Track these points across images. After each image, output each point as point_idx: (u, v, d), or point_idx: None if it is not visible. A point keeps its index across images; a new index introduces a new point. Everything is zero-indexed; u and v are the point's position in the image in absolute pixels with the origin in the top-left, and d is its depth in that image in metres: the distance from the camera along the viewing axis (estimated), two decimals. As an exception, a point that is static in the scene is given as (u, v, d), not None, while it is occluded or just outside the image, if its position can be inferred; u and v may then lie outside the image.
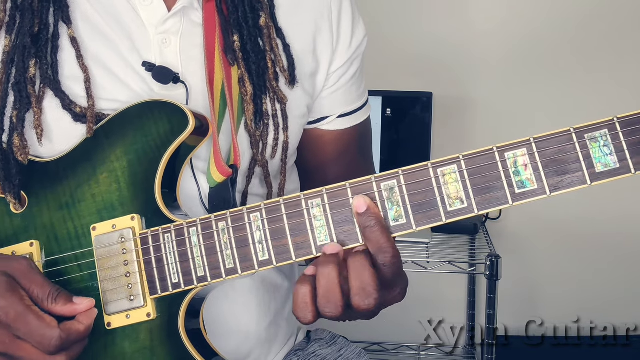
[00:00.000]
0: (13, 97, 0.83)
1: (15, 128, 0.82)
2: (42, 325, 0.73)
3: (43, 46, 0.83)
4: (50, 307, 0.75)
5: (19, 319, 0.72)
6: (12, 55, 0.83)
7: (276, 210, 0.73)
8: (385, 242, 0.69)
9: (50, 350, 0.73)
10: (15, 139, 0.82)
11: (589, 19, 2.22)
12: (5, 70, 0.83)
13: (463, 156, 0.67)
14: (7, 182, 0.83)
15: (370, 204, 0.70)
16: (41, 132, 0.83)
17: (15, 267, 0.76)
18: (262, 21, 0.91)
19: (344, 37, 0.97)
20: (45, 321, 0.73)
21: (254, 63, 0.89)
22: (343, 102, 1.00)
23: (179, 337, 0.76)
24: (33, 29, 0.83)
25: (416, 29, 2.30)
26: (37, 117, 0.82)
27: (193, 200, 0.87)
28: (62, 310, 0.76)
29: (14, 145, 0.82)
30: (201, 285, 0.75)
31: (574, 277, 2.33)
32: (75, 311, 0.76)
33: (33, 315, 0.73)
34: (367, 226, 0.70)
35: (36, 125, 0.82)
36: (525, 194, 0.65)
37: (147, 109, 0.81)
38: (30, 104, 0.82)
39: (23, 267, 0.76)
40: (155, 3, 0.87)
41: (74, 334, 0.75)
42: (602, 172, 0.63)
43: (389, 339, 2.39)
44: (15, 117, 0.82)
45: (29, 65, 0.82)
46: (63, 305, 0.76)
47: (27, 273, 0.76)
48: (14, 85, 0.83)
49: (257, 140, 0.90)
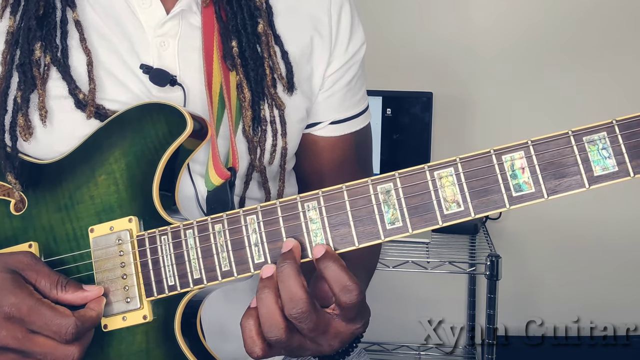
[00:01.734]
0: (17, 78, 0.83)
1: (20, 108, 0.83)
2: (57, 315, 0.73)
3: (52, 30, 0.84)
4: (60, 296, 0.76)
5: (33, 312, 0.72)
6: (17, 37, 0.84)
7: (272, 212, 0.72)
8: (348, 281, 0.69)
9: (68, 339, 0.73)
10: (20, 119, 0.82)
11: (589, 18, 2.22)
12: (9, 51, 0.84)
13: (460, 159, 0.66)
14: (8, 161, 0.83)
15: (328, 248, 0.70)
16: (45, 114, 0.83)
17: (19, 261, 0.76)
18: (260, 28, 0.91)
19: (342, 41, 0.97)
20: (59, 311, 0.73)
21: (252, 70, 0.89)
22: (336, 108, 1.00)
23: (175, 339, 0.76)
24: (38, 11, 0.84)
25: (416, 28, 2.30)
26: (41, 98, 0.83)
27: (190, 203, 0.87)
28: (72, 297, 0.76)
29: (18, 125, 0.83)
30: (197, 288, 0.75)
31: (574, 277, 2.33)
32: (85, 298, 0.77)
33: (46, 307, 0.73)
34: (327, 268, 0.69)
35: (40, 106, 0.83)
36: (522, 197, 0.65)
37: (146, 111, 0.81)
38: (34, 86, 0.83)
39: (27, 259, 0.77)
40: (154, 6, 0.87)
41: (88, 321, 0.75)
42: (600, 176, 0.62)
43: (389, 339, 2.39)
44: (19, 98, 0.83)
45: (35, 48, 0.83)
46: (73, 292, 0.76)
47: (32, 265, 0.76)
48: (18, 67, 0.83)
49: (254, 146, 0.90)
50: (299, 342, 0.72)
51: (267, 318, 0.70)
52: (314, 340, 0.72)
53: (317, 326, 0.70)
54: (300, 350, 0.73)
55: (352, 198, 0.70)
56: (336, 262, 0.69)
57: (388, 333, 2.38)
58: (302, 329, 0.70)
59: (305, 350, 0.73)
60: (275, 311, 0.70)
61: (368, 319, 0.76)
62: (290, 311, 0.69)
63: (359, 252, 0.72)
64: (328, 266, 0.69)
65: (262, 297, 0.70)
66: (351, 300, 0.69)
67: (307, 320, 0.69)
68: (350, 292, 0.69)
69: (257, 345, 0.71)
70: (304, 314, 0.68)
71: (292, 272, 0.69)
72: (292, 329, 0.70)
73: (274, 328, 0.70)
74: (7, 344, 0.72)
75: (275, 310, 0.70)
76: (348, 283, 0.69)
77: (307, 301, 0.69)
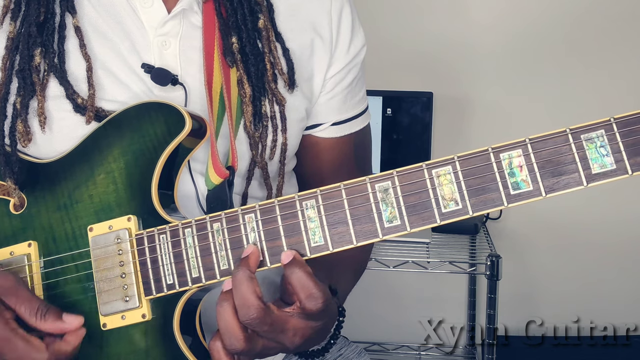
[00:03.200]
0: (17, 83, 0.83)
1: (19, 114, 0.83)
2: (31, 349, 0.73)
3: (50, 35, 0.84)
4: (39, 324, 0.75)
5: (6, 343, 0.72)
6: (17, 43, 0.84)
7: (271, 211, 0.72)
8: (314, 288, 0.70)
9: None
10: (19, 125, 0.83)
11: (588, 15, 2.22)
12: (9, 57, 0.84)
13: (458, 157, 0.66)
14: (8, 167, 0.83)
15: (296, 254, 0.71)
16: (44, 120, 0.83)
17: (1, 285, 0.76)
18: (261, 23, 0.91)
19: (342, 43, 0.97)
20: (34, 345, 0.73)
21: (252, 65, 0.89)
22: (338, 109, 1.00)
23: (174, 338, 0.76)
24: (39, 17, 0.84)
25: (416, 28, 2.30)
26: (40, 104, 0.83)
27: (191, 201, 0.87)
28: (50, 327, 0.75)
29: (17, 131, 0.83)
30: (196, 287, 0.75)
31: (574, 277, 2.33)
32: (63, 330, 0.76)
33: (20, 340, 0.73)
34: (293, 274, 0.70)
35: (39, 112, 0.83)
36: (520, 195, 0.64)
37: (144, 111, 0.81)
38: (34, 92, 0.83)
39: (9, 284, 0.76)
40: (156, 5, 0.87)
41: (62, 355, 0.74)
42: (598, 174, 0.62)
43: (389, 338, 2.39)
44: (19, 104, 0.83)
45: (34, 54, 0.83)
46: (52, 322, 0.75)
47: (14, 289, 0.76)
48: (18, 72, 0.83)
49: (256, 141, 0.90)
50: (262, 345, 0.73)
51: (225, 331, 0.71)
52: (274, 340, 0.73)
53: (273, 328, 0.71)
54: (266, 351, 0.74)
55: (350, 196, 0.70)
56: (302, 268, 0.70)
57: (388, 333, 2.38)
58: (259, 332, 0.71)
59: (270, 350, 0.74)
60: (233, 323, 0.71)
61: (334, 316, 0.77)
62: (243, 317, 0.70)
63: (348, 252, 0.72)
64: (294, 272, 0.70)
65: (220, 310, 0.72)
66: (316, 307, 0.70)
67: (261, 324, 0.70)
68: (316, 300, 0.70)
69: None
70: (256, 319, 0.70)
71: (244, 279, 0.70)
72: (252, 337, 0.72)
73: (233, 340, 0.71)
74: None
75: (233, 323, 0.71)
76: (313, 290, 0.70)
77: (259, 307, 0.70)
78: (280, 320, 0.71)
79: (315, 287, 0.70)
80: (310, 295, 0.70)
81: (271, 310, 0.71)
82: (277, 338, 0.72)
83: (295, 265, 0.70)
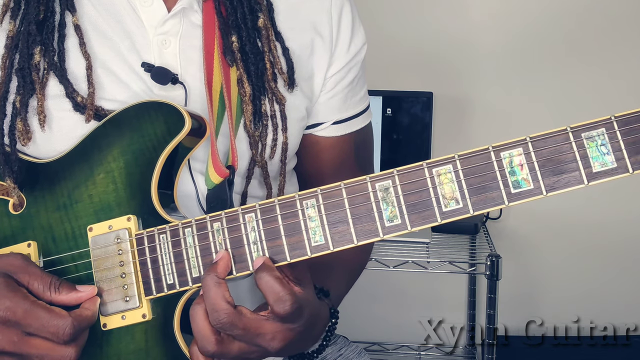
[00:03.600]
0: (16, 82, 0.83)
1: (19, 113, 0.83)
2: (54, 316, 0.73)
3: (49, 33, 0.84)
4: (54, 297, 0.75)
5: (28, 314, 0.72)
6: (17, 41, 0.84)
7: (271, 210, 0.72)
8: (282, 292, 0.70)
9: (65, 339, 0.73)
10: (19, 124, 0.83)
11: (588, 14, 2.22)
12: (9, 56, 0.84)
13: (458, 156, 0.66)
14: (7, 166, 0.83)
15: (266, 260, 0.72)
16: (44, 118, 0.83)
17: (11, 264, 0.76)
18: (261, 22, 0.91)
19: (343, 42, 0.97)
20: (55, 312, 0.73)
21: (252, 64, 0.89)
22: (338, 108, 1.00)
23: (174, 338, 0.76)
24: (38, 16, 0.84)
25: (416, 28, 2.30)
26: (40, 103, 0.83)
27: (191, 201, 0.87)
28: (66, 298, 0.76)
29: (17, 129, 0.83)
30: (196, 287, 0.75)
31: (574, 277, 2.33)
32: (79, 299, 0.77)
33: (42, 309, 0.73)
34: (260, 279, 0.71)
35: (39, 111, 0.83)
36: (521, 194, 0.64)
37: (144, 110, 0.81)
38: (33, 90, 0.83)
39: (18, 262, 0.76)
40: (156, 4, 0.87)
41: (85, 320, 0.75)
42: (599, 172, 0.62)
43: (389, 338, 2.39)
44: (18, 103, 0.83)
45: (34, 52, 0.83)
46: (67, 293, 0.76)
47: (24, 267, 0.76)
48: (17, 71, 0.83)
49: (256, 140, 0.90)
50: (238, 348, 0.73)
51: (198, 334, 0.72)
52: (251, 344, 0.73)
53: (246, 331, 0.71)
54: (246, 355, 0.74)
55: (350, 196, 0.69)
56: (270, 273, 0.71)
57: (388, 333, 2.38)
58: (233, 335, 0.72)
59: (250, 353, 0.74)
60: (204, 327, 0.72)
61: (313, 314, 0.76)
62: (214, 321, 0.71)
63: (343, 254, 0.72)
64: (262, 277, 0.71)
65: (193, 313, 0.73)
66: (285, 310, 0.70)
67: (232, 328, 0.71)
68: (284, 303, 0.70)
69: None
70: (227, 323, 0.70)
71: (212, 284, 0.71)
72: (224, 340, 0.72)
73: (205, 343, 0.72)
74: (4, 348, 0.72)
75: (205, 326, 0.72)
76: (281, 294, 0.70)
77: (229, 311, 0.70)
78: (253, 323, 0.72)
79: (283, 290, 0.70)
80: (279, 298, 0.70)
81: (243, 314, 0.71)
82: (254, 341, 0.73)
83: (264, 270, 0.71)
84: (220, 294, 0.71)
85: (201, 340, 0.72)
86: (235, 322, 0.71)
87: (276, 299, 0.70)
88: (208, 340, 0.72)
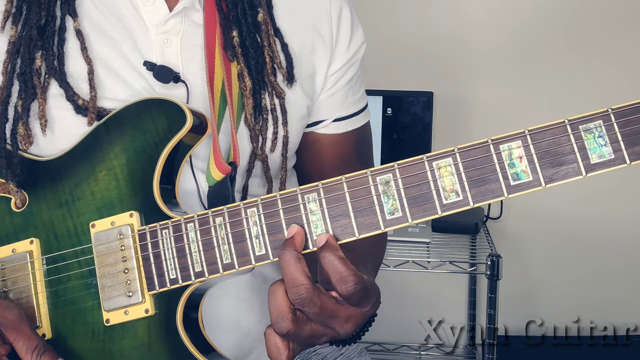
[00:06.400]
0: (18, 86, 0.84)
1: (20, 117, 0.83)
2: None
3: (50, 38, 0.84)
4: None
5: None
6: (18, 46, 0.85)
7: (273, 205, 0.73)
8: (345, 272, 0.69)
9: None
10: (20, 128, 0.83)
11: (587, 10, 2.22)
12: (10, 60, 0.84)
13: (458, 149, 0.67)
14: (9, 170, 0.83)
15: (330, 238, 0.70)
16: (45, 123, 0.83)
17: (4, 316, 0.76)
18: (260, 17, 0.91)
19: (342, 40, 0.98)
20: None
21: (252, 58, 0.90)
22: (339, 106, 1.01)
23: (177, 333, 0.76)
24: (40, 21, 0.84)
25: (416, 28, 2.31)
26: (41, 107, 0.83)
27: (192, 198, 0.87)
28: None
29: (18, 134, 0.83)
30: (198, 281, 0.75)
31: (574, 277, 2.33)
32: None
33: None
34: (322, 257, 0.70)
35: (40, 115, 0.83)
36: (520, 185, 0.65)
37: (145, 107, 0.82)
38: (35, 95, 0.83)
39: (12, 316, 0.76)
40: (157, 3, 0.87)
41: None
42: (597, 163, 0.63)
43: (390, 338, 2.39)
44: (20, 107, 0.83)
45: (35, 57, 0.84)
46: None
47: (16, 323, 0.76)
48: (19, 76, 0.84)
49: (256, 134, 0.91)
50: (310, 330, 0.72)
51: (274, 309, 0.71)
52: (325, 325, 0.72)
53: (322, 310, 0.70)
54: (314, 338, 0.73)
55: (351, 189, 0.70)
56: (334, 252, 0.70)
57: (389, 333, 2.38)
58: (308, 313, 0.70)
59: (319, 337, 0.73)
60: (283, 304, 0.70)
61: (378, 298, 0.76)
62: (292, 297, 0.69)
63: (366, 243, 0.72)
64: (325, 256, 0.70)
65: (272, 290, 0.71)
66: (347, 290, 0.69)
67: (310, 305, 0.69)
68: (347, 283, 0.69)
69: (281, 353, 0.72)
70: (305, 299, 0.69)
71: (292, 259, 0.70)
72: (300, 320, 0.71)
73: (280, 320, 0.70)
74: None
75: (283, 303, 0.70)
76: (345, 274, 0.69)
77: (308, 286, 0.69)
78: (330, 303, 0.71)
79: (347, 270, 0.69)
80: (342, 279, 0.69)
81: (321, 291, 0.70)
82: (327, 322, 0.72)
83: (327, 249, 0.70)
84: (300, 269, 0.69)
85: (277, 317, 0.70)
86: (314, 298, 0.69)
87: (339, 279, 0.69)
88: (284, 317, 0.70)
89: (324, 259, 0.70)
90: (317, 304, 0.70)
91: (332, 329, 0.73)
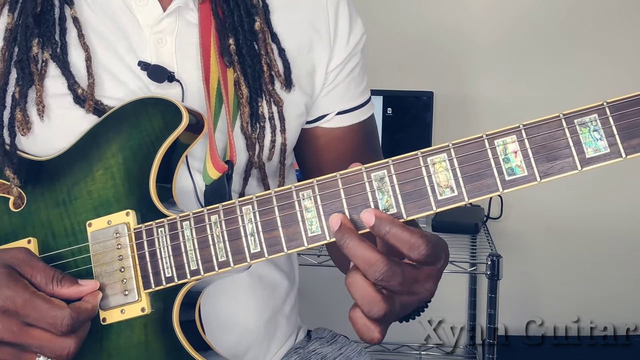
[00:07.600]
0: (15, 74, 0.84)
1: (18, 103, 0.84)
2: (52, 307, 0.73)
3: (50, 27, 0.85)
4: (56, 290, 0.76)
5: (28, 304, 0.72)
6: (15, 34, 0.85)
7: (267, 202, 0.72)
8: (413, 237, 0.67)
9: (63, 331, 0.73)
10: (18, 114, 0.83)
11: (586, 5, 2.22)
12: (7, 48, 0.85)
13: (452, 144, 0.67)
14: (6, 157, 0.84)
15: (376, 212, 0.68)
16: (42, 109, 0.84)
17: (15, 256, 0.77)
18: (257, 25, 0.91)
19: (341, 35, 0.98)
20: (54, 303, 0.74)
21: (249, 67, 0.90)
22: (341, 98, 1.00)
23: (173, 331, 0.76)
24: (35, 9, 0.85)
25: (416, 28, 2.31)
26: (39, 93, 0.84)
27: (189, 198, 0.87)
28: (67, 292, 0.76)
29: (16, 119, 0.84)
30: (194, 279, 0.75)
31: (574, 277, 2.33)
32: (81, 292, 0.77)
33: (41, 299, 0.73)
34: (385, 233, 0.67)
35: (38, 101, 0.84)
36: (515, 180, 0.64)
37: (142, 106, 0.82)
38: (32, 82, 0.84)
39: (22, 255, 0.77)
40: (151, 3, 0.87)
41: (84, 313, 0.75)
42: (592, 157, 0.62)
43: (390, 338, 2.38)
44: (17, 94, 0.84)
45: (32, 45, 0.84)
46: (69, 287, 0.76)
47: (28, 261, 0.77)
48: (16, 63, 0.84)
49: (252, 142, 0.91)
50: (399, 303, 0.70)
51: (363, 299, 0.68)
52: (411, 293, 0.70)
53: (405, 279, 0.68)
54: (405, 308, 0.71)
55: (346, 186, 0.70)
56: (394, 223, 0.67)
57: (389, 332, 2.32)
58: (394, 287, 0.68)
59: (408, 306, 0.71)
60: (368, 289, 0.67)
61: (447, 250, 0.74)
62: (374, 276, 0.66)
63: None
64: (388, 231, 0.67)
65: (351, 281, 0.68)
66: (421, 254, 0.67)
67: (394, 276, 0.67)
68: (419, 248, 0.67)
69: (373, 330, 0.69)
70: (387, 272, 0.66)
71: (355, 241, 0.67)
72: (389, 297, 0.68)
73: (373, 306, 0.67)
74: (3, 337, 0.73)
75: (368, 288, 0.67)
76: (413, 240, 0.67)
77: (383, 259, 0.66)
78: (408, 269, 0.68)
79: (414, 237, 0.67)
80: (411, 246, 0.67)
81: (395, 260, 0.68)
82: (411, 289, 0.69)
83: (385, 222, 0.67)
84: (369, 246, 0.67)
85: (368, 304, 0.68)
86: (393, 269, 0.66)
87: (410, 247, 0.66)
88: (375, 301, 0.67)
89: (388, 234, 0.67)
90: (399, 274, 0.67)
91: (417, 294, 0.70)
